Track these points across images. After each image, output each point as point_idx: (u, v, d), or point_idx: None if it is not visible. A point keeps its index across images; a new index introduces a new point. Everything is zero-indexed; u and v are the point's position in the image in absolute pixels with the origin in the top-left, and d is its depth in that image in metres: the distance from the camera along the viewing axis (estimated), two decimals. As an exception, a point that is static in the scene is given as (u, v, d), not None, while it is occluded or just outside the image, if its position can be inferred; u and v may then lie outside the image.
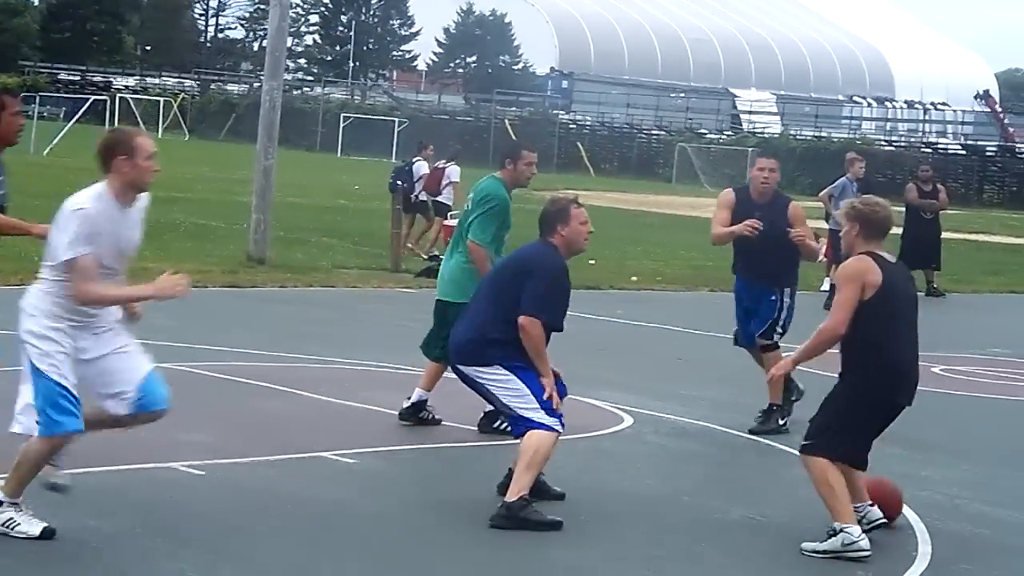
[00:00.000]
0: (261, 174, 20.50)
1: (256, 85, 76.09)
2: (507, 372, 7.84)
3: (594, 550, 7.31)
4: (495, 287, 8.02)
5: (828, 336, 7.39)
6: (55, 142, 45.18)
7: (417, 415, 9.92)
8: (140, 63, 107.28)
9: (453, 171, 23.04)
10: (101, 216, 6.76)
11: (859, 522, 7.47)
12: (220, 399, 10.43)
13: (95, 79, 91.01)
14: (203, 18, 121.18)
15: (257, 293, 17.11)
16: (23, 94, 63.63)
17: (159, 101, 78.18)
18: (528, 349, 7.82)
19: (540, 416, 7.73)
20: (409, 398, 9.97)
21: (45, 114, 59.43)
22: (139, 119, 75.29)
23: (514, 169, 9.92)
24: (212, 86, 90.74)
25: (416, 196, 22.94)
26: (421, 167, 23.42)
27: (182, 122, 77.81)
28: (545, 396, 7.74)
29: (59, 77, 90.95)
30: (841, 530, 7.29)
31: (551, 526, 7.56)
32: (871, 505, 7.81)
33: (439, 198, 22.80)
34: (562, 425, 7.79)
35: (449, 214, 21.81)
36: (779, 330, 10.73)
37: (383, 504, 7.86)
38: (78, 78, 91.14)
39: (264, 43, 65.25)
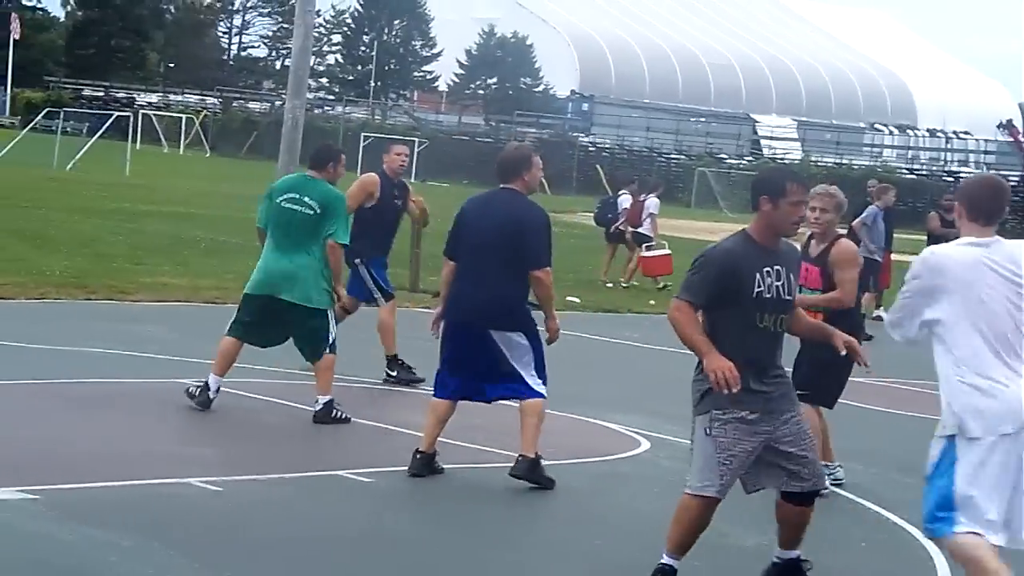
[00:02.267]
0: (282, 192, 20.52)
1: (278, 103, 76.37)
2: (525, 337, 8.87)
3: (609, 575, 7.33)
4: (499, 251, 8.76)
5: (838, 304, 9.09)
6: (77, 157, 45.34)
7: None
8: (163, 80, 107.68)
9: (652, 203, 24.40)
10: None
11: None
12: (238, 415, 10.47)
13: (118, 95, 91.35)
14: (226, 36, 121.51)
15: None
16: (47, 109, 63.97)
17: (181, 118, 78.47)
18: (545, 299, 8.91)
19: (537, 383, 8.91)
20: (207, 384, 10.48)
21: (68, 129, 59.57)
22: (161, 135, 75.70)
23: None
24: (234, 104, 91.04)
25: (619, 228, 24.14)
26: (625, 200, 24.70)
27: (203, 139, 78.06)
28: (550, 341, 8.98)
29: (83, 93, 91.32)
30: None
31: (551, 482, 8.81)
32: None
33: (640, 229, 23.90)
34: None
35: (644, 245, 23.50)
36: None
37: (398, 522, 7.89)
38: (102, 94, 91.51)
39: (287, 62, 65.09)
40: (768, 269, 6.65)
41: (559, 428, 11.10)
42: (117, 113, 63.14)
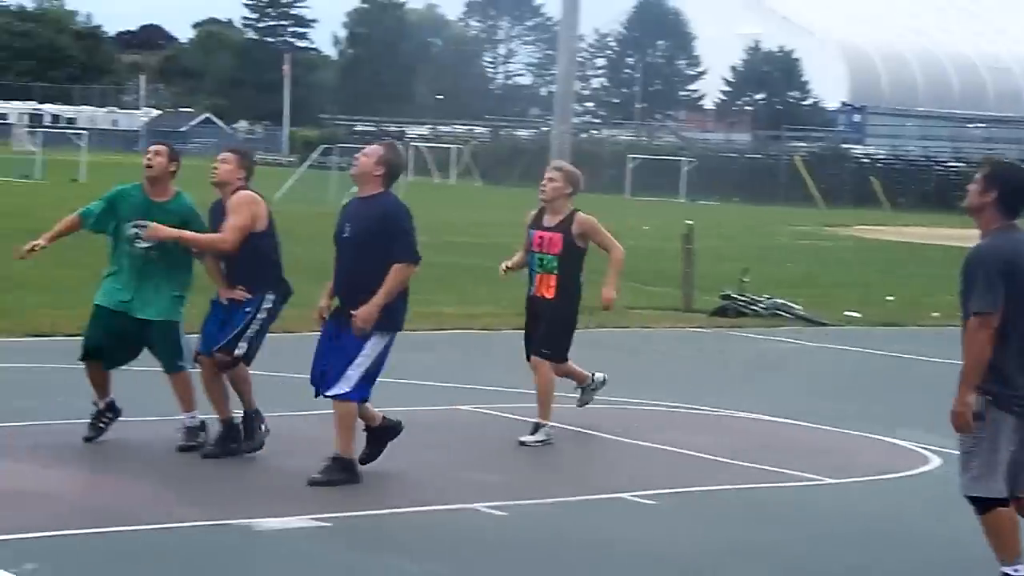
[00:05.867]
0: (553, 217, 20.69)
1: (545, 129, 77.10)
2: None
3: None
4: None
5: None
6: (353, 191, 46.57)
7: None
8: (432, 112, 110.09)
9: None
10: None
11: None
12: (516, 440, 10.52)
13: (390, 129, 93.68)
14: (492, 66, 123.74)
15: (551, 335, 17.19)
16: (323, 146, 65.89)
17: (451, 148, 79.98)
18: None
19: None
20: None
21: (344, 165, 61.34)
22: (432, 167, 77.30)
23: None
24: (502, 132, 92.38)
25: None
26: None
27: (473, 168, 79.36)
28: None
29: (356, 128, 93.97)
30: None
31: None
32: None
33: None
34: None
35: None
36: None
37: (685, 546, 7.78)
38: (374, 128, 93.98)
39: (552, 88, 65.79)
40: None
41: (846, 446, 10.84)
42: (390, 147, 64.58)
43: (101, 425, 9.37)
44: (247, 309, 9.18)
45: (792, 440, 11.06)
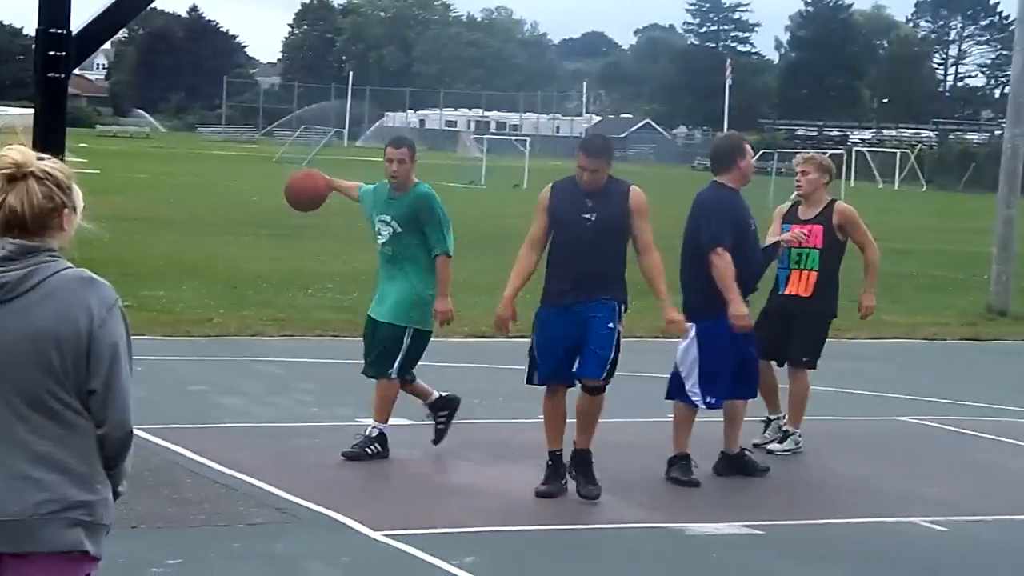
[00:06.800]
0: (1002, 224, 19.89)
1: (997, 133, 74.18)
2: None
3: None
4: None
5: None
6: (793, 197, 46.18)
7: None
8: (876, 116, 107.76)
9: None
10: None
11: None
12: (961, 454, 10.16)
13: (831, 133, 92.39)
14: (942, 67, 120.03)
15: (999, 346, 16.57)
16: (762, 151, 65.61)
17: (895, 153, 78.08)
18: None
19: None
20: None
21: (782, 170, 60.95)
22: (875, 171, 75.70)
23: None
24: (950, 136, 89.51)
25: None
26: None
27: (919, 173, 77.21)
28: None
29: (796, 133, 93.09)
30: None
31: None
32: None
33: None
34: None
35: None
36: None
37: None
38: (815, 133, 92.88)
39: (1006, 90, 63.59)
40: None
41: None
42: (830, 151, 63.71)
43: (440, 427, 9.01)
44: (610, 325, 7.96)
45: None
